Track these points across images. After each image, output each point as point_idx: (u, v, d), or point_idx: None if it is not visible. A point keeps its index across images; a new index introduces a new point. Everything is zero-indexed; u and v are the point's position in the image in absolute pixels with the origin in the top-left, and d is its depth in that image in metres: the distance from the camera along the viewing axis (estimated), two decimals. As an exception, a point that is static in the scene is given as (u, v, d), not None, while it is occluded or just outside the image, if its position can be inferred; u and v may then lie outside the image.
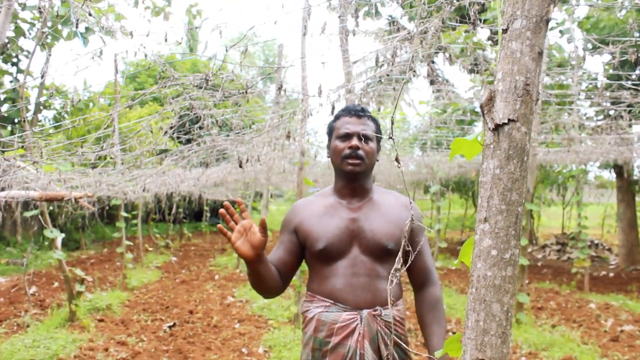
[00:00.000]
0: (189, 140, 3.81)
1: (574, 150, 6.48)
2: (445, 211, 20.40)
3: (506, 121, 1.07)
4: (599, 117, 9.05)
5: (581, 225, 9.25)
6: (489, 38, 10.29)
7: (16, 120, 12.52)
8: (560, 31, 11.03)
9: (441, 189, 11.28)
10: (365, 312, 1.99)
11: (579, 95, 6.10)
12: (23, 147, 3.96)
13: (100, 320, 6.61)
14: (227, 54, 2.84)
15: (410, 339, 5.72)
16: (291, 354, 5.26)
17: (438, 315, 2.13)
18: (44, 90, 13.56)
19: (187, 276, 10.39)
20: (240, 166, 3.29)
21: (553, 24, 11.18)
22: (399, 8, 15.36)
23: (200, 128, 3.06)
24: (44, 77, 3.64)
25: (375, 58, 3.38)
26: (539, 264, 13.33)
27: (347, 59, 4.06)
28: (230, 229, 1.86)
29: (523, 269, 6.34)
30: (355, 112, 2.15)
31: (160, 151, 5.31)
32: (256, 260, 1.88)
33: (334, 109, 3.14)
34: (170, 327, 6.38)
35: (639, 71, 8.17)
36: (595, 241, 15.17)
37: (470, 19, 2.60)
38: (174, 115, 2.92)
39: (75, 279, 6.50)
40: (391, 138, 1.25)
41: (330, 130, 2.23)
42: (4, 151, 4.01)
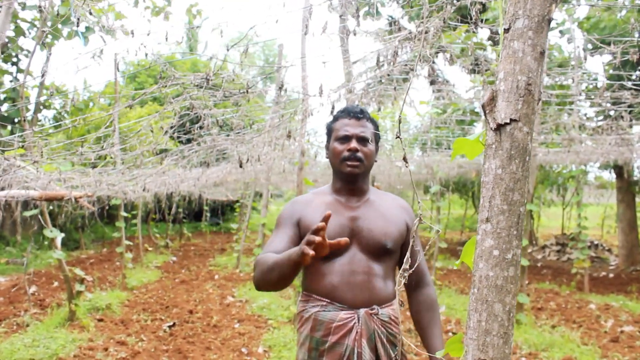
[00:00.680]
0: (189, 140, 3.80)
1: (574, 151, 6.48)
2: (445, 211, 20.40)
3: (508, 121, 1.07)
4: (599, 118, 9.05)
5: (581, 225, 9.26)
6: (489, 38, 10.28)
7: (16, 120, 12.52)
8: (561, 31, 11.05)
9: (441, 189, 11.27)
10: (362, 311, 2.00)
11: (580, 95, 6.09)
12: (23, 147, 3.96)
13: (100, 320, 6.60)
14: (227, 53, 2.84)
15: (410, 339, 5.72)
16: (291, 354, 5.25)
17: (435, 316, 2.18)
18: (44, 89, 13.57)
19: (187, 276, 10.39)
20: (241, 166, 3.29)
21: (553, 24, 11.20)
22: (399, 8, 15.37)
23: (201, 128, 3.06)
24: (44, 77, 3.63)
25: (376, 58, 3.38)
26: (539, 264, 13.33)
27: (348, 59, 4.06)
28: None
29: (523, 269, 6.33)
30: (354, 114, 2.16)
31: (160, 151, 5.31)
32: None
33: (333, 108, 3.14)
34: (169, 327, 6.37)
35: (639, 72, 8.17)
36: (595, 242, 15.17)
37: (471, 19, 2.59)
38: (174, 115, 2.91)
39: (75, 279, 6.50)
40: (398, 137, 1.25)
41: (329, 131, 2.24)
42: (3, 151, 4.00)
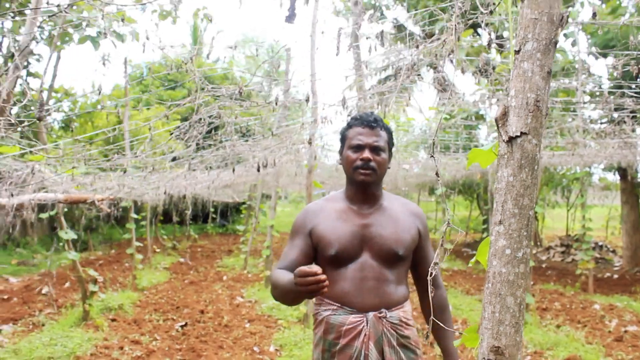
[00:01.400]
0: (209, 145, 3.94)
1: (578, 154, 6.59)
2: (450, 213, 20.47)
3: (519, 134, 1.20)
4: (603, 120, 9.15)
5: (585, 227, 9.36)
6: (488, 43, 10.38)
7: (25, 122, 12.68)
8: (565, 34, 11.15)
9: (447, 191, 11.39)
10: (371, 315, 2.08)
11: (582, 99, 6.20)
12: (43, 149, 4.09)
13: (113, 320, 6.74)
14: (232, 55, 2.95)
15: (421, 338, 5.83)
16: (302, 353, 5.38)
17: (447, 317, 2.27)
18: (53, 92, 13.71)
19: (196, 277, 10.52)
20: (258, 170, 3.43)
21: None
22: (404, 11, 15.50)
23: (220, 134, 3.19)
24: (54, 80, 3.75)
25: (383, 62, 3.49)
26: (544, 265, 13.41)
27: (359, 65, 4.18)
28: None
29: (529, 270, 6.44)
30: (368, 123, 2.18)
31: (173, 157, 5.45)
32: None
33: (344, 103, 3.24)
34: (182, 327, 6.51)
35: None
36: (600, 243, 15.24)
37: (488, 41, 2.71)
38: (203, 124, 3.04)
39: (89, 280, 6.64)
40: (432, 157, 1.38)
41: (343, 138, 2.28)
42: (23, 154, 4.15)
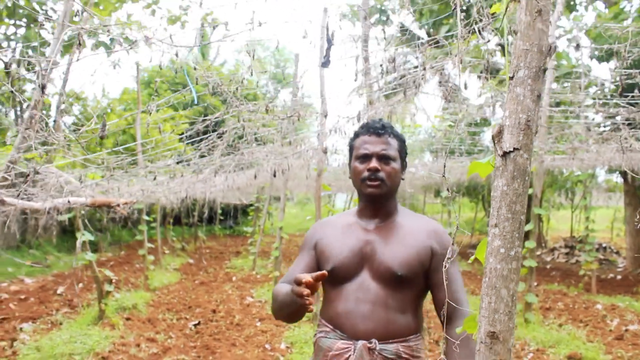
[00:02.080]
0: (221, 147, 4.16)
1: (578, 158, 6.78)
2: (456, 215, 20.65)
3: (512, 149, 1.40)
4: (607, 124, 9.31)
5: (588, 228, 9.54)
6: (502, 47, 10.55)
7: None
8: (568, 39, 11.33)
9: (452, 193, 11.56)
10: (359, 343, 1.87)
11: (584, 103, 6.38)
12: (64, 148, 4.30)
13: (128, 319, 6.95)
14: (238, 59, 3.12)
15: None
16: (312, 350, 5.57)
17: (467, 353, 1.83)
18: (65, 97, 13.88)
19: (206, 277, 10.75)
20: (274, 175, 3.63)
21: (561, 32, 11.48)
22: (410, 15, 15.68)
23: (241, 142, 3.41)
24: (65, 84, 3.95)
25: (384, 65, 3.67)
26: (548, 266, 13.58)
27: (368, 70, 4.37)
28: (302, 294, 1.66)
29: (531, 270, 6.62)
30: (375, 130, 2.04)
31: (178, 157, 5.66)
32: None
33: (359, 117, 3.43)
34: (195, 325, 6.72)
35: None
36: (604, 244, 15.40)
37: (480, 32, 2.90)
38: (228, 134, 3.25)
39: (104, 280, 6.86)
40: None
41: (350, 149, 2.14)
42: (45, 155, 4.35)
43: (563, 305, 8.41)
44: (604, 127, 8.81)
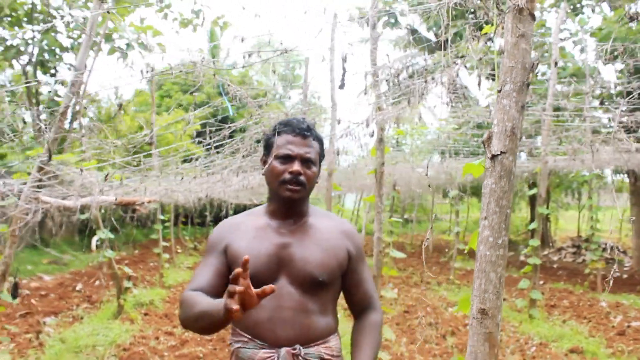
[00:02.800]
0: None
1: (579, 159, 6.99)
2: (464, 215, 20.85)
3: (499, 153, 1.63)
4: (611, 125, 9.47)
5: (594, 228, 9.74)
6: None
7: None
8: (574, 42, 11.51)
9: (459, 193, 11.79)
10: (283, 351, 1.83)
11: (590, 105, 6.56)
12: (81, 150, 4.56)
13: (146, 314, 7.23)
14: (247, 60, 3.30)
15: None
16: None
17: (373, 338, 1.97)
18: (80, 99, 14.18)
19: (218, 276, 11.01)
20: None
21: (567, 35, 11.66)
22: (418, 17, 15.90)
23: (257, 144, 3.65)
24: (80, 87, 4.20)
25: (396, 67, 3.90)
26: (555, 265, 13.76)
27: (375, 71, 4.60)
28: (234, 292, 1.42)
29: (536, 268, 6.82)
30: (301, 131, 1.95)
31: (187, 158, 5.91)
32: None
33: (368, 123, 3.66)
34: (210, 320, 6.98)
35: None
36: (611, 244, 15.54)
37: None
38: (251, 141, 3.50)
39: (122, 276, 7.13)
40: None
41: (269, 144, 2.03)
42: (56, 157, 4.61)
43: (568, 302, 8.60)
44: (609, 128, 8.99)
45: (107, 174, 3.81)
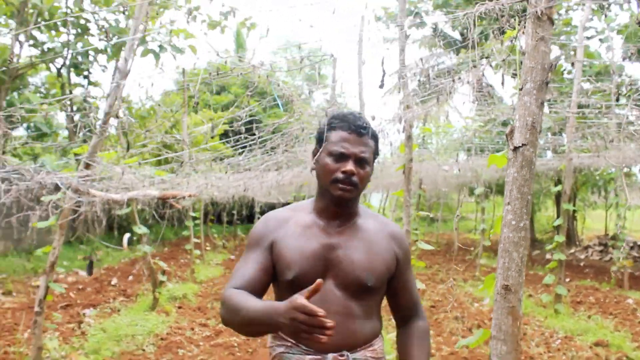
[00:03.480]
0: (272, 148, 4.64)
1: (603, 156, 7.07)
2: (490, 213, 20.84)
3: (520, 145, 1.81)
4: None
5: (620, 226, 9.77)
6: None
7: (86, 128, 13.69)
8: (600, 39, 11.51)
9: (485, 190, 11.88)
10: (330, 357, 1.78)
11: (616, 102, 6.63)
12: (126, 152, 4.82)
13: (179, 307, 7.50)
14: (273, 61, 3.49)
15: None
16: None
17: (424, 347, 1.94)
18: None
19: (247, 272, 11.27)
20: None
21: (593, 33, 11.66)
22: (443, 16, 15.98)
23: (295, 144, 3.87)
24: (113, 89, 4.43)
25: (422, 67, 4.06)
26: (582, 264, 13.76)
27: (403, 70, 4.77)
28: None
29: (561, 263, 6.92)
30: (356, 128, 1.84)
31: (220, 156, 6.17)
32: None
33: (401, 120, 3.83)
34: (242, 313, 7.23)
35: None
36: (639, 242, 15.46)
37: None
38: (290, 135, 3.71)
39: (157, 270, 7.41)
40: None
41: (321, 139, 1.91)
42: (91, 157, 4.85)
43: (594, 299, 8.67)
44: (637, 126, 9.01)
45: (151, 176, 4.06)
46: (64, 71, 13.85)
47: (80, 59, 13.36)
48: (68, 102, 13.96)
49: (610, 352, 5.54)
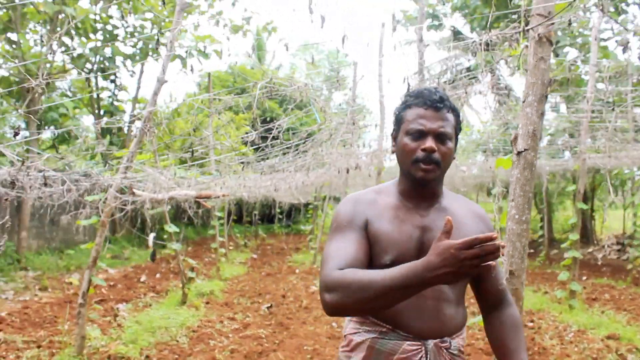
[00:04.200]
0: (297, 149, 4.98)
1: (615, 156, 7.29)
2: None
3: (523, 150, 2.11)
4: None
5: (637, 224, 9.95)
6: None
7: (113, 131, 14.14)
8: (617, 41, 11.65)
9: (503, 190, 12.07)
10: (431, 344, 1.71)
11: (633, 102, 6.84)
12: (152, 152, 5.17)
13: (207, 303, 7.85)
14: (293, 63, 3.83)
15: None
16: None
17: (521, 338, 1.81)
18: (137, 103, 15.06)
19: (271, 270, 11.63)
20: (348, 172, 4.38)
21: (610, 34, 11.83)
22: (461, 19, 16.20)
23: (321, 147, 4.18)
24: (138, 91, 4.77)
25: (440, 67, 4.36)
26: (599, 262, 13.89)
27: (422, 70, 5.06)
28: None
29: (575, 260, 7.15)
30: (433, 103, 1.72)
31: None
32: None
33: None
34: (268, 308, 7.56)
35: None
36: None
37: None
38: (319, 140, 4.04)
39: (186, 267, 7.77)
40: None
41: (399, 120, 1.82)
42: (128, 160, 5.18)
43: (609, 296, 8.86)
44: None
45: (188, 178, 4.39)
46: (92, 76, 14.29)
47: (107, 63, 13.81)
48: (96, 106, 14.44)
49: (621, 345, 5.77)
